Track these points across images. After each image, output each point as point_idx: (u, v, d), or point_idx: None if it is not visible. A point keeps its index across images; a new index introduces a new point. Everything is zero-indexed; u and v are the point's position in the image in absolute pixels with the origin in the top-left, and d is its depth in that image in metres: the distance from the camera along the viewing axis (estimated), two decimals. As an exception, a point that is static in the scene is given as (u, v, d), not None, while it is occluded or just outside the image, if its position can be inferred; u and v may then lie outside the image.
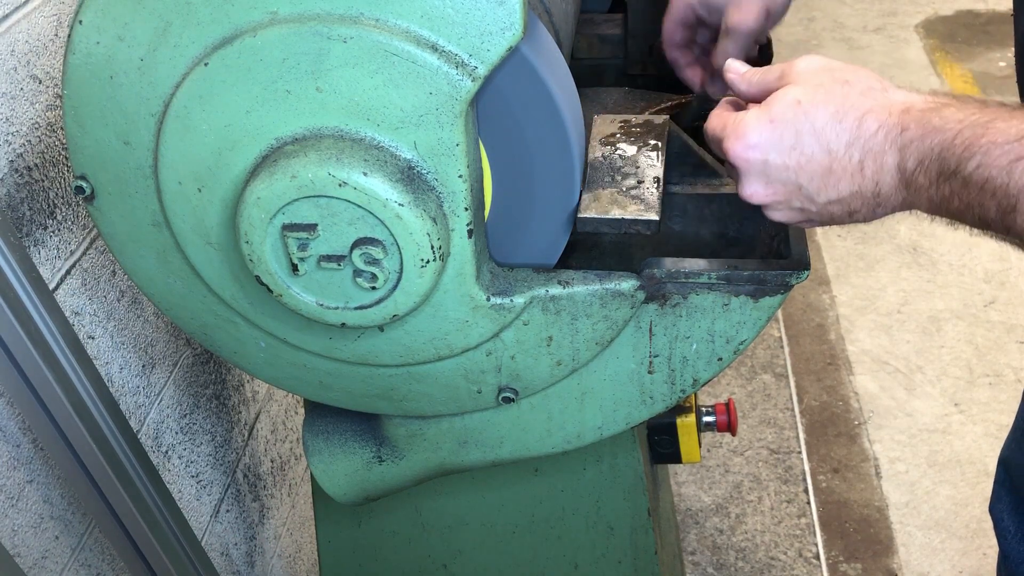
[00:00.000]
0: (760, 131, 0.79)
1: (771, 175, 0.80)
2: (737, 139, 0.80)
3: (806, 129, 0.77)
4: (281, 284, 0.84)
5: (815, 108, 0.77)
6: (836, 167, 0.77)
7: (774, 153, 0.78)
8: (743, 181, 0.82)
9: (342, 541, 1.35)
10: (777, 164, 0.79)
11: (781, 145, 0.78)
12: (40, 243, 1.13)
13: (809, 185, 0.79)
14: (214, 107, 0.79)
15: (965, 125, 0.71)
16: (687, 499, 2.48)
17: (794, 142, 0.78)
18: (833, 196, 0.79)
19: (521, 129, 0.85)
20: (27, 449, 1.13)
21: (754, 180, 0.81)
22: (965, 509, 2.37)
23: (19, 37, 1.08)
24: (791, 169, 0.79)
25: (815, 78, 0.80)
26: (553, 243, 0.92)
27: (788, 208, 0.82)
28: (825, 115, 0.77)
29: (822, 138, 0.77)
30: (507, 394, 0.96)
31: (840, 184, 0.78)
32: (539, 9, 0.96)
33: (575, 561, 1.31)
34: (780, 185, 0.80)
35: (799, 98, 0.78)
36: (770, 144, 0.78)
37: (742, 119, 0.80)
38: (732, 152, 0.80)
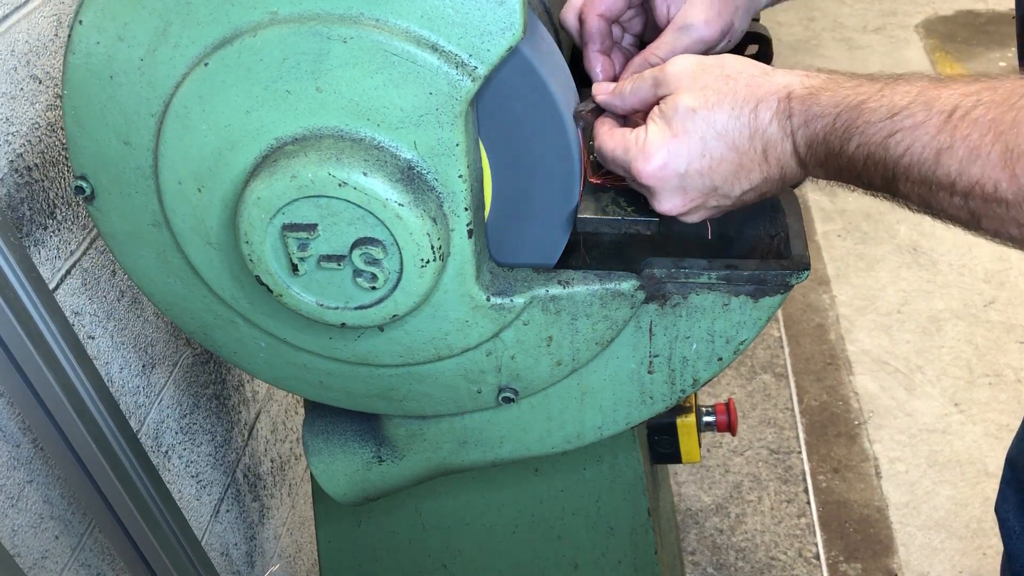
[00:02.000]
0: (667, 147, 0.80)
1: (687, 186, 0.81)
2: (647, 160, 0.80)
3: (710, 134, 0.79)
4: (281, 284, 0.84)
5: (711, 111, 0.78)
6: (745, 161, 0.79)
7: (685, 165, 0.80)
8: (659, 198, 0.83)
9: (342, 541, 1.35)
10: (691, 173, 0.80)
11: (691, 155, 0.80)
12: (40, 243, 1.13)
13: (724, 184, 0.81)
14: (214, 107, 0.79)
15: (841, 109, 0.74)
16: (687, 499, 2.48)
17: (702, 149, 0.79)
18: (747, 187, 0.81)
19: (521, 129, 0.85)
20: (27, 449, 1.13)
21: (670, 195, 0.82)
22: (965, 509, 2.37)
23: (19, 37, 1.08)
24: (705, 175, 0.80)
25: (697, 80, 0.80)
26: (553, 243, 0.92)
27: (704, 209, 0.84)
28: (723, 116, 0.78)
29: (727, 138, 0.79)
30: (507, 394, 0.96)
31: (752, 175, 0.80)
32: (539, 9, 0.96)
33: (575, 561, 1.31)
34: (696, 192, 0.82)
35: (692, 106, 0.79)
36: (680, 157, 0.80)
37: (644, 140, 0.81)
38: (645, 174, 0.81)
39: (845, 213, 3.48)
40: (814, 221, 3.45)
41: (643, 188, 0.84)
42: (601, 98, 0.88)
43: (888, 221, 3.42)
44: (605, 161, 0.86)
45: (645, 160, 0.80)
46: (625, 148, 0.83)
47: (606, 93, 0.88)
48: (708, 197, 0.82)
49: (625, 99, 0.87)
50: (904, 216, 3.50)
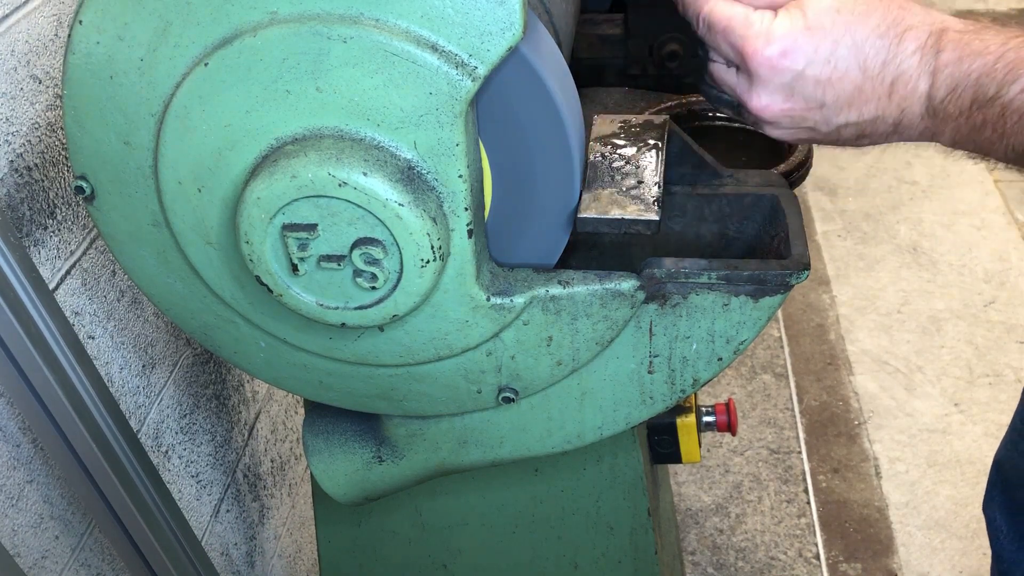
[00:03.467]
0: (794, 37, 0.71)
1: (797, 88, 0.73)
2: (767, 42, 0.72)
3: (845, 41, 0.71)
4: (281, 284, 0.84)
5: (856, 19, 0.71)
6: (867, 87, 0.72)
7: (805, 63, 0.71)
8: (758, 89, 0.74)
9: (342, 541, 1.35)
10: (807, 76, 0.72)
11: (816, 56, 0.71)
12: (40, 243, 1.13)
13: (833, 104, 0.73)
14: (214, 107, 0.79)
15: (1009, 48, 0.66)
16: (687, 499, 2.48)
17: (830, 54, 0.71)
18: (853, 118, 0.74)
19: (521, 129, 0.85)
20: (27, 449, 1.13)
21: (775, 91, 0.74)
22: (965, 509, 2.37)
23: (19, 37, 1.08)
24: (820, 84, 0.72)
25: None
26: (553, 243, 0.92)
27: (796, 126, 0.76)
28: (866, 28, 0.70)
29: (860, 53, 0.71)
30: (507, 394, 0.96)
31: (866, 107, 0.73)
32: (539, 9, 0.96)
33: (575, 561, 1.31)
34: (801, 100, 0.74)
35: (837, 6, 0.71)
36: (803, 53, 0.71)
37: (771, 22, 0.72)
38: (758, 56, 0.72)
39: (845, 213, 3.48)
40: (814, 221, 3.45)
41: (745, 72, 0.75)
42: None
43: (888, 221, 3.43)
44: (710, 31, 0.77)
45: (765, 42, 0.72)
46: (744, 22, 0.74)
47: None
48: (810, 112, 0.74)
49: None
50: (904, 216, 3.51)
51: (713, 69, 0.81)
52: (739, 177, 1.01)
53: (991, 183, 3.53)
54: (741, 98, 0.77)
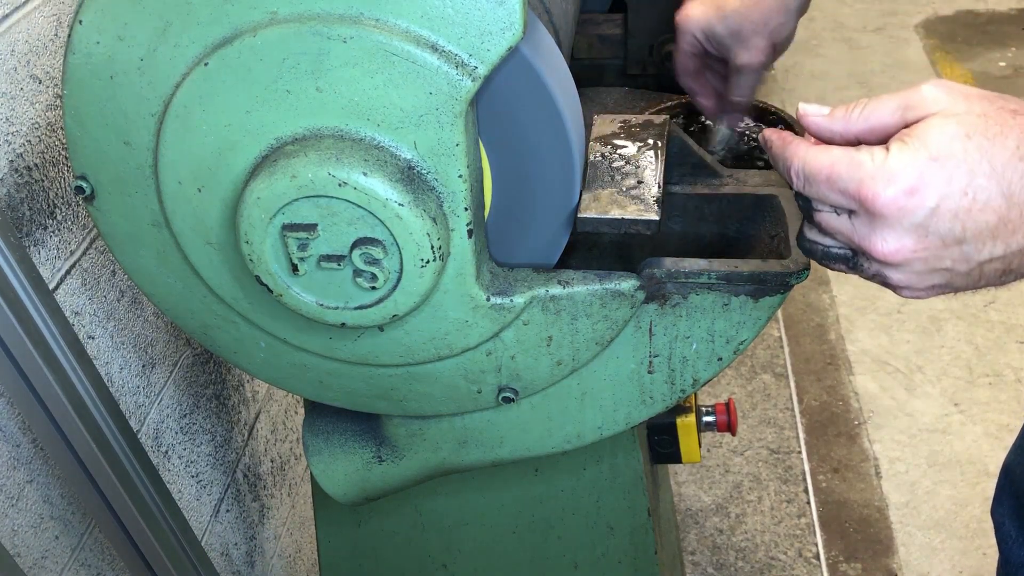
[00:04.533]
0: (921, 171, 0.64)
1: (929, 226, 0.65)
2: (889, 181, 0.65)
3: (982, 168, 0.64)
4: (281, 284, 0.84)
5: (991, 142, 0.64)
6: (1014, 216, 0.64)
7: (938, 198, 0.64)
8: (883, 233, 0.67)
9: (342, 541, 1.35)
10: (942, 211, 0.64)
11: (950, 187, 0.64)
12: (40, 243, 1.13)
13: (974, 240, 0.65)
14: (214, 107, 0.79)
15: None
16: (687, 499, 2.48)
17: (966, 184, 0.64)
18: (999, 252, 0.66)
19: (521, 129, 0.85)
20: (27, 449, 1.13)
21: (904, 232, 0.66)
22: (965, 509, 2.37)
23: (19, 37, 1.08)
24: (958, 218, 0.65)
25: (971, 106, 0.66)
26: (553, 243, 0.92)
27: (930, 269, 0.68)
28: (1005, 151, 0.64)
29: (1002, 180, 0.64)
30: (507, 394, 0.96)
31: (1013, 237, 0.65)
32: (539, 9, 0.96)
33: (575, 561, 1.31)
34: (936, 240, 0.66)
35: (966, 131, 0.64)
36: (934, 186, 0.64)
37: (885, 158, 0.66)
38: (880, 198, 0.65)
39: (845, 213, 3.48)
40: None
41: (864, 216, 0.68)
42: (813, 120, 0.74)
43: (888, 221, 3.42)
44: (810, 183, 0.70)
45: (886, 181, 0.65)
46: (852, 164, 0.67)
47: (818, 115, 0.73)
48: (946, 250, 0.67)
49: (851, 122, 0.71)
50: (904, 216, 3.50)
51: (820, 219, 0.73)
52: (739, 177, 1.01)
53: (991, 183, 3.52)
54: (860, 245, 0.69)
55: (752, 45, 1.06)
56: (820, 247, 0.75)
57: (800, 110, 0.75)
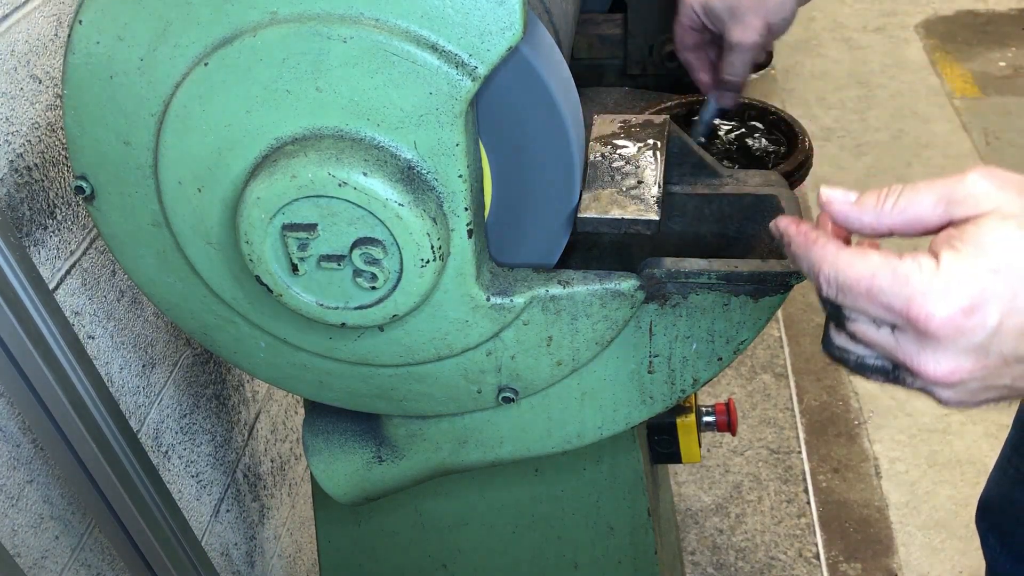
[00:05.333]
0: (982, 286, 0.56)
1: (991, 346, 0.58)
2: (944, 299, 0.57)
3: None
4: (281, 284, 0.84)
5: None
6: None
7: (1000, 315, 0.57)
8: (935, 354, 0.59)
9: (342, 541, 1.35)
10: (1006, 329, 0.57)
11: (1015, 304, 0.56)
12: (40, 243, 1.13)
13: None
14: (214, 107, 0.79)
15: None
16: (687, 499, 2.48)
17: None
18: None
19: (521, 129, 0.85)
20: (27, 449, 1.13)
21: (961, 354, 0.59)
22: (965, 509, 2.37)
23: (19, 37, 1.08)
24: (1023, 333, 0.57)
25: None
26: (553, 243, 0.92)
27: (987, 386, 0.61)
28: None
29: None
30: (507, 394, 0.96)
31: None
32: (539, 9, 0.96)
33: (575, 561, 1.31)
34: (998, 358, 0.59)
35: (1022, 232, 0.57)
36: (1000, 304, 0.57)
37: (933, 269, 0.58)
38: (935, 319, 0.57)
39: (845, 213, 3.48)
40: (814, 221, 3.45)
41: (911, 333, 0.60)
42: (839, 208, 0.65)
43: (888, 221, 3.42)
44: (846, 294, 0.62)
45: (940, 298, 0.57)
46: (896, 278, 0.59)
47: (843, 202, 0.65)
48: (1007, 368, 0.59)
49: (884, 215, 0.63)
50: (904, 216, 3.50)
51: (855, 330, 0.64)
52: (739, 177, 1.01)
53: (991, 183, 3.52)
54: (906, 363, 0.62)
55: (747, 23, 1.07)
56: (853, 356, 0.67)
57: (822, 197, 0.66)
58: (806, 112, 4.06)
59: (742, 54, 1.08)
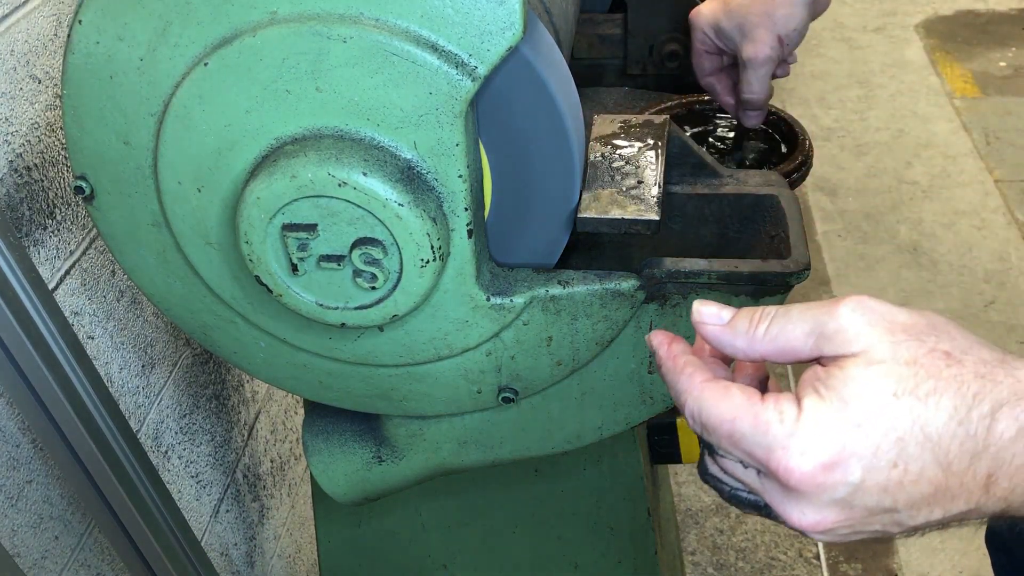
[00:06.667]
0: (842, 442, 0.54)
1: (854, 501, 0.55)
2: (803, 453, 0.54)
3: (914, 436, 0.53)
4: (281, 284, 0.84)
5: (923, 404, 0.54)
6: (953, 485, 0.54)
7: (862, 472, 0.54)
8: (800, 506, 0.57)
9: (342, 541, 1.35)
10: (868, 487, 0.54)
11: (876, 460, 0.54)
12: (40, 243, 1.13)
13: (908, 510, 0.56)
14: (214, 107, 0.79)
15: None
16: (687, 499, 2.47)
17: (896, 455, 0.54)
18: (936, 517, 0.56)
19: (521, 129, 0.85)
20: (27, 449, 1.13)
21: (825, 507, 0.56)
22: (965, 509, 2.37)
23: (19, 37, 1.08)
24: (888, 492, 0.55)
25: (897, 349, 0.55)
26: (553, 243, 0.92)
27: (855, 532, 0.59)
28: (940, 415, 0.53)
29: (939, 449, 0.53)
30: (507, 394, 0.96)
31: (953, 504, 0.55)
32: (539, 9, 0.96)
33: (575, 561, 1.31)
34: (862, 512, 0.56)
35: (893, 389, 0.54)
36: (861, 460, 0.54)
37: (799, 418, 0.55)
38: (795, 474, 0.55)
39: (845, 213, 3.48)
40: (814, 221, 3.45)
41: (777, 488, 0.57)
42: (710, 330, 0.62)
43: (888, 221, 3.42)
44: (708, 432, 0.59)
45: (800, 453, 0.54)
46: (756, 424, 0.56)
47: (715, 325, 0.62)
48: (874, 517, 0.57)
49: (756, 341, 0.60)
50: (904, 216, 3.51)
51: (725, 465, 0.62)
52: (739, 177, 1.01)
53: (991, 183, 3.53)
54: (772, 507, 0.59)
55: (756, 38, 1.06)
56: (727, 488, 0.64)
57: (694, 315, 0.63)
58: (806, 112, 4.06)
59: (756, 70, 1.07)
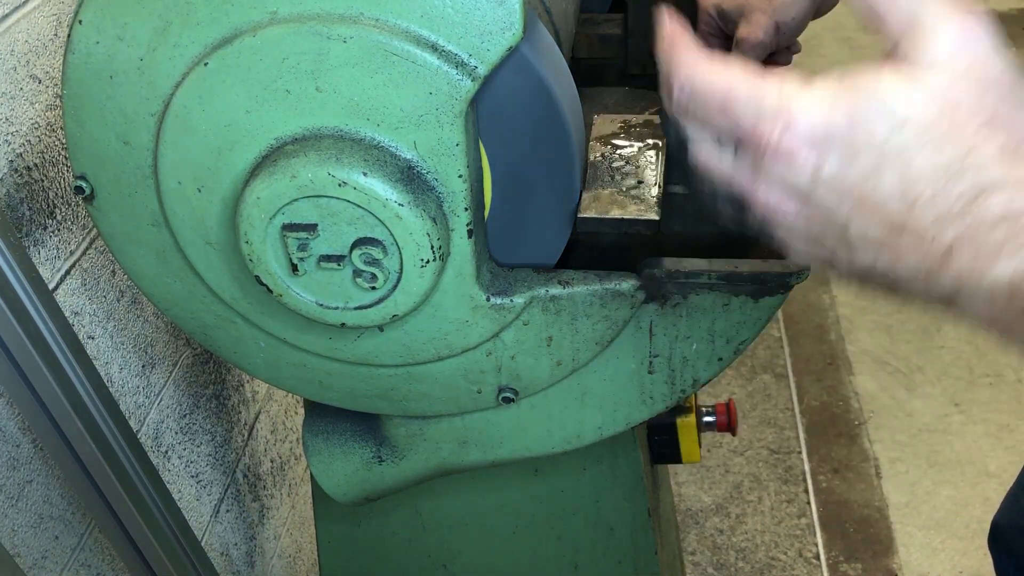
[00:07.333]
0: (831, 123, 0.51)
1: (814, 195, 0.53)
2: (788, 122, 0.52)
3: (895, 164, 0.50)
4: (281, 284, 0.84)
5: (922, 141, 0.49)
6: (907, 236, 0.50)
7: (836, 161, 0.51)
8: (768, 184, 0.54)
9: (342, 541, 1.35)
10: (835, 177, 0.51)
11: (853, 168, 0.51)
12: (40, 243, 1.13)
13: (858, 236, 0.52)
14: (214, 107, 0.79)
15: None
16: (687, 499, 2.47)
17: (870, 169, 0.50)
18: (881, 264, 0.53)
19: (521, 129, 0.85)
20: (27, 449, 1.13)
21: (786, 192, 0.54)
22: (965, 509, 2.37)
23: (19, 37, 1.08)
24: (846, 195, 0.52)
25: (956, 85, 0.50)
26: (553, 243, 0.92)
27: (814, 242, 0.55)
28: (932, 159, 0.49)
29: (911, 186, 0.50)
30: (507, 394, 0.96)
31: (901, 258, 0.51)
32: (539, 9, 0.96)
33: (575, 561, 1.31)
34: (820, 210, 0.53)
35: (905, 114, 0.50)
36: (838, 151, 0.51)
37: (796, 90, 0.52)
38: (775, 141, 0.52)
39: (845, 213, 3.48)
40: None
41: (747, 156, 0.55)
42: None
43: (888, 221, 3.42)
44: (695, 101, 0.56)
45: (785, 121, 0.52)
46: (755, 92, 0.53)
47: None
48: (826, 232, 0.54)
49: None
50: (904, 216, 3.50)
51: (698, 154, 0.59)
52: (739, 177, 1.01)
53: (991, 183, 3.52)
54: (741, 187, 0.56)
55: (753, 20, 1.06)
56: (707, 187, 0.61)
57: None
58: (806, 112, 4.05)
59: (745, 53, 1.08)
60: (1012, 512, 1.40)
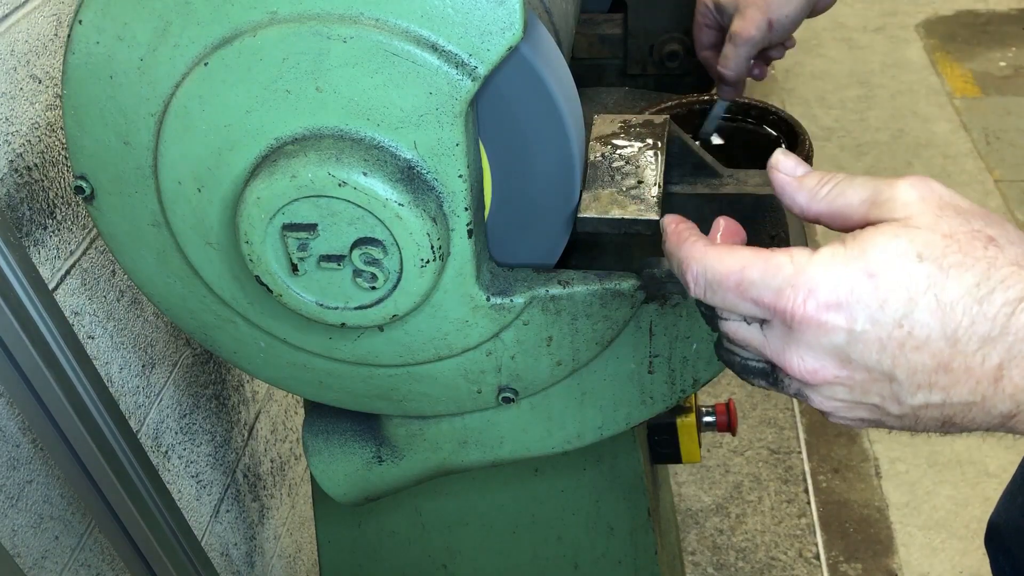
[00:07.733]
0: (851, 285, 0.53)
1: (852, 352, 0.54)
2: (810, 291, 0.54)
3: (926, 302, 0.52)
4: (281, 284, 0.84)
5: (944, 273, 0.52)
6: (957, 366, 0.52)
7: (865, 321, 0.53)
8: (799, 351, 0.56)
9: (342, 541, 1.35)
10: (868, 338, 0.53)
11: (882, 314, 0.53)
12: (40, 243, 1.13)
13: (908, 380, 0.54)
14: (214, 107, 0.79)
15: None
16: (687, 499, 2.47)
17: (903, 314, 0.52)
18: (936, 399, 0.54)
19: (521, 129, 0.85)
20: (27, 449, 1.13)
21: (823, 354, 0.55)
22: (965, 509, 2.37)
23: (19, 37, 1.08)
24: (887, 351, 0.53)
25: (940, 223, 0.54)
26: (553, 243, 0.92)
27: (855, 400, 0.57)
28: (959, 288, 0.51)
29: (949, 319, 0.52)
30: (507, 394, 0.96)
31: (954, 388, 0.53)
32: (539, 9, 0.96)
33: (575, 561, 1.31)
34: (860, 369, 0.55)
35: (919, 251, 0.52)
36: (866, 308, 0.53)
37: (807, 259, 0.55)
38: (797, 312, 0.54)
39: (845, 213, 3.48)
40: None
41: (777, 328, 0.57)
42: (781, 177, 0.62)
43: (888, 221, 3.42)
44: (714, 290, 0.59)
45: (807, 291, 0.54)
46: (769, 269, 0.56)
47: (788, 174, 0.62)
48: (874, 384, 0.55)
49: (815, 201, 0.60)
50: (904, 216, 3.51)
51: (727, 329, 0.62)
52: (739, 177, 1.01)
53: (991, 183, 3.53)
54: (775, 360, 0.58)
55: (747, 16, 1.07)
56: (738, 359, 0.64)
57: (772, 159, 0.64)
58: (806, 112, 4.06)
59: (736, 47, 1.09)
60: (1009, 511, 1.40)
